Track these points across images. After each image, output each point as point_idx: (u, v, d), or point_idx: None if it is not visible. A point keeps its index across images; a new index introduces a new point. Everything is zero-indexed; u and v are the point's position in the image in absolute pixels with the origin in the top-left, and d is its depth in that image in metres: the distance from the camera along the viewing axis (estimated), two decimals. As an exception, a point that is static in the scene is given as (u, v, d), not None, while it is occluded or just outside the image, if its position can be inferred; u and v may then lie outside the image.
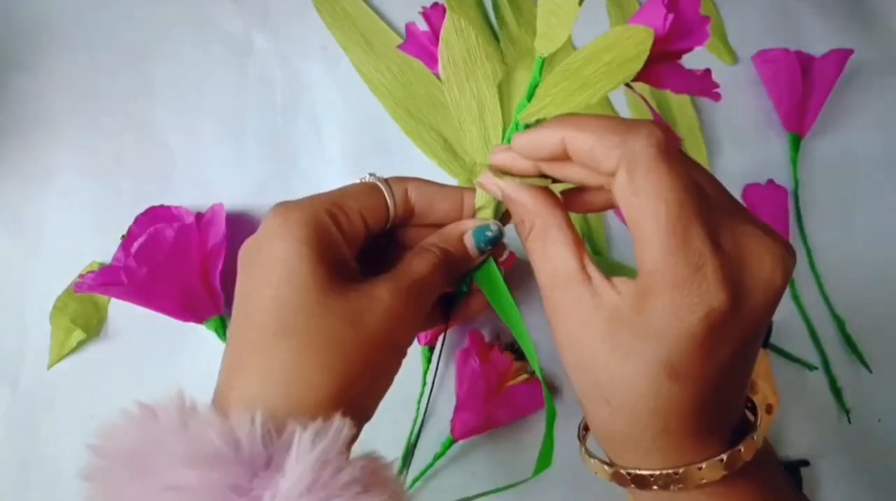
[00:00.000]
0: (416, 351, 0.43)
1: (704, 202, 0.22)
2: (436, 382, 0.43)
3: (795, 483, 0.42)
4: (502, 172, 0.28)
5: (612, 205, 0.28)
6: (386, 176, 0.31)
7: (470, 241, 0.30)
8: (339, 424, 0.22)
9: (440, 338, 0.40)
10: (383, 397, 0.27)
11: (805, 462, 0.43)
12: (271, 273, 0.25)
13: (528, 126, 0.28)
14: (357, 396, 0.24)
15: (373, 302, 0.25)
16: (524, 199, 0.26)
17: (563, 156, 0.25)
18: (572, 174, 0.25)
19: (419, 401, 0.42)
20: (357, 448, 0.24)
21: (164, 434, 0.21)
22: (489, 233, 0.29)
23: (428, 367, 0.43)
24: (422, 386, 0.43)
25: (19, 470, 0.41)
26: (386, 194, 0.29)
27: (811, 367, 0.45)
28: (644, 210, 0.22)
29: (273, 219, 0.26)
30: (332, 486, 0.21)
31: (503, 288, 0.31)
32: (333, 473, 0.21)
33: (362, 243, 0.29)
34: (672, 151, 0.22)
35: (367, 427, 0.27)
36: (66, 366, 0.43)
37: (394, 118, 0.48)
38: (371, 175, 0.30)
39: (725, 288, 0.22)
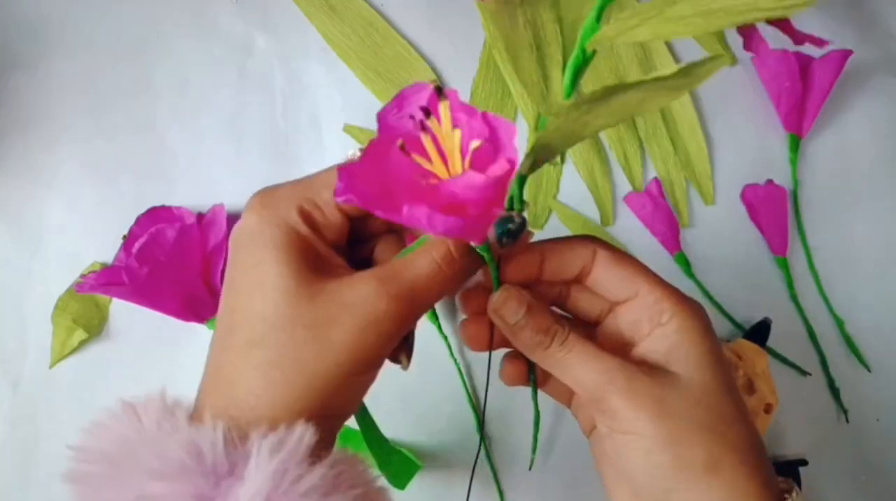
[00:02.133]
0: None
1: None
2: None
3: (794, 483, 0.43)
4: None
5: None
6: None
7: (491, 233, 0.26)
8: (301, 432, 0.22)
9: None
10: (361, 400, 0.27)
11: (804, 462, 0.43)
12: (246, 278, 0.24)
13: (593, 55, 0.23)
14: (328, 405, 0.24)
15: (344, 310, 0.23)
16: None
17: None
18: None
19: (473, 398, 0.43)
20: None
21: (139, 441, 0.22)
22: (511, 226, 0.25)
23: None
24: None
25: (20, 469, 0.41)
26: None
27: (804, 372, 0.45)
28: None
29: (248, 216, 0.25)
30: (292, 494, 0.21)
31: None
32: (293, 481, 0.21)
33: (347, 233, 0.27)
34: None
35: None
36: (67, 366, 0.43)
37: (363, 81, 0.49)
38: (361, 150, 0.26)
39: None
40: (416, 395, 0.43)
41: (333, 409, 0.24)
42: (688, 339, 0.26)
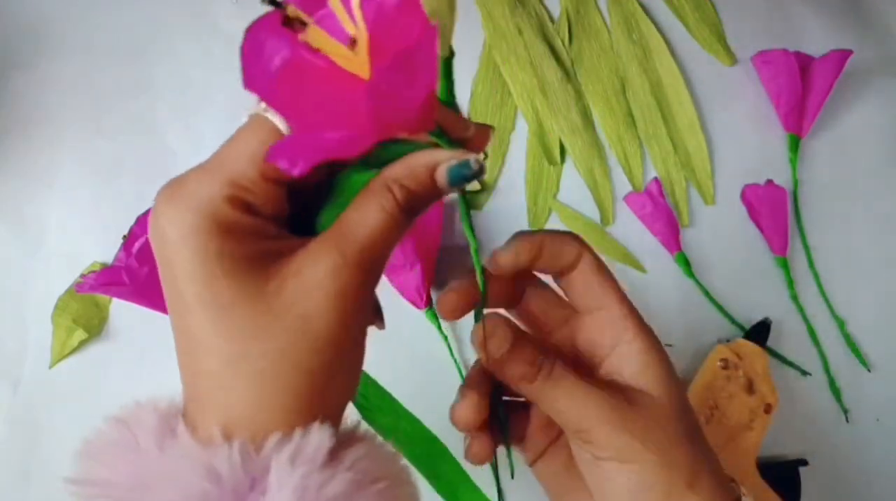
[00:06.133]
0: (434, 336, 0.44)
1: None
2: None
3: (794, 483, 0.43)
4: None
5: None
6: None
7: (443, 178, 0.23)
8: (318, 436, 0.21)
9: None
10: (358, 380, 0.25)
11: (804, 462, 0.43)
12: (193, 294, 0.21)
13: None
14: (328, 395, 0.23)
15: (314, 293, 0.21)
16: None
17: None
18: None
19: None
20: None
21: (149, 471, 0.21)
22: (467, 172, 0.23)
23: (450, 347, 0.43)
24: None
25: (20, 469, 0.41)
26: (282, 126, 0.22)
27: (804, 372, 0.45)
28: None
29: (166, 225, 0.22)
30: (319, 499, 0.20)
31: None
32: (317, 489, 0.20)
33: (285, 199, 0.23)
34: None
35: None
36: (67, 366, 0.43)
37: None
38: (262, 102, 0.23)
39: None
40: (417, 395, 0.43)
41: (334, 397, 0.23)
42: (655, 361, 0.27)
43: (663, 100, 0.50)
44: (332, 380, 0.22)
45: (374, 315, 0.27)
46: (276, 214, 0.23)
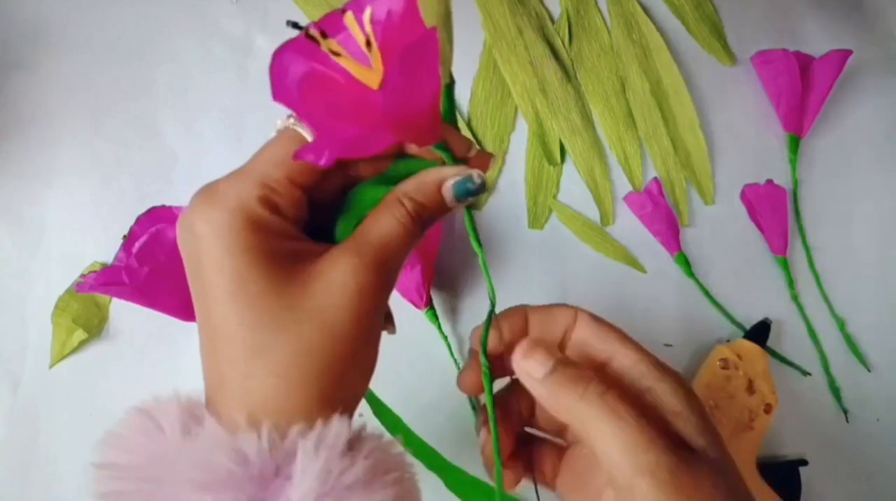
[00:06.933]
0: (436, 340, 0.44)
1: None
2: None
3: (794, 483, 0.43)
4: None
5: None
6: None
7: (449, 193, 0.25)
8: (339, 427, 0.22)
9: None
10: (370, 377, 0.26)
11: (803, 462, 0.43)
12: (220, 286, 0.23)
13: None
14: (343, 390, 0.24)
15: (333, 293, 0.23)
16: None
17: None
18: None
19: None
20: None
21: (176, 453, 0.21)
22: (471, 186, 0.25)
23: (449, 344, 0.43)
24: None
25: (20, 470, 0.41)
26: (308, 136, 0.24)
27: (804, 372, 0.45)
28: None
29: (199, 222, 0.23)
30: (338, 488, 0.21)
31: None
32: (337, 476, 0.21)
33: (306, 207, 0.25)
34: None
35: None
36: (67, 366, 0.43)
37: None
38: (290, 117, 0.25)
39: None
40: (417, 395, 0.43)
41: (348, 391, 0.24)
42: (689, 407, 0.26)
43: (663, 100, 0.50)
44: (348, 374, 0.24)
45: (386, 320, 0.28)
46: (299, 218, 0.25)
